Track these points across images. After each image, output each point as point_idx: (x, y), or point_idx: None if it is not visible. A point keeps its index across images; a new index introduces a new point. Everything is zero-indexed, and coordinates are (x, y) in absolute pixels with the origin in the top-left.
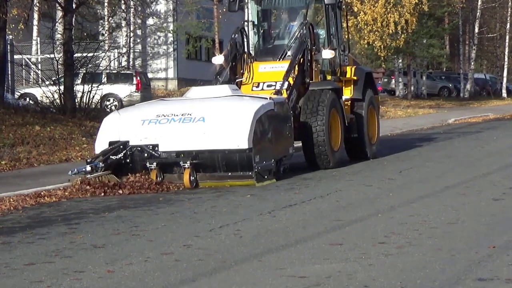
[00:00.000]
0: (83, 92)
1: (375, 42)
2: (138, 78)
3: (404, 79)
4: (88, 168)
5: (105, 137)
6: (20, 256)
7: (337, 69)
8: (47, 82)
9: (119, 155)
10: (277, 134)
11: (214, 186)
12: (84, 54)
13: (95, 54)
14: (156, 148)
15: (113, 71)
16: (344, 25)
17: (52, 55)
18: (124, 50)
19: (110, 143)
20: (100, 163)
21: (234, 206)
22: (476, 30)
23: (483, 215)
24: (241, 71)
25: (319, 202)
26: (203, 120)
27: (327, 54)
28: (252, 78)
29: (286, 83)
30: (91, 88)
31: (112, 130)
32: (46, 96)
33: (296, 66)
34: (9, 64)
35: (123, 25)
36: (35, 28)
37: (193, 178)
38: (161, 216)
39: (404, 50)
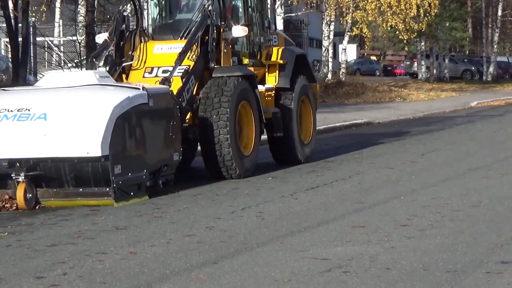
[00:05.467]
0: None
1: (398, 25)
2: None
3: (426, 62)
4: None
5: None
6: (43, 238)
7: (257, 50)
8: (70, 65)
9: None
10: (154, 137)
11: (62, 206)
12: None
13: None
14: None
15: None
16: None
17: (74, 38)
18: None
19: None
20: None
21: (255, 188)
22: (499, 13)
23: (505, 198)
24: (130, 53)
25: (341, 185)
26: (44, 117)
27: (238, 31)
28: (144, 62)
29: (184, 68)
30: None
31: None
32: None
33: (198, 46)
34: (31, 46)
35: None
36: (57, 10)
37: (30, 195)
38: (183, 198)
39: (427, 33)
